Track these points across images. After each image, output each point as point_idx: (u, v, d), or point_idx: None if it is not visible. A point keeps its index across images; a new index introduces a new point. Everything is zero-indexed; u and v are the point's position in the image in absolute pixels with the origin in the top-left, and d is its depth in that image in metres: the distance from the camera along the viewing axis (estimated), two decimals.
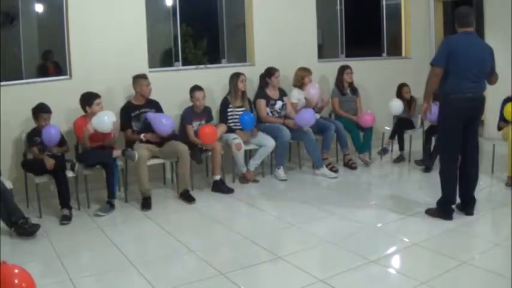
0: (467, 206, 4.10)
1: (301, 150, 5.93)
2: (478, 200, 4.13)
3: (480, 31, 7.49)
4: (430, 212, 4.12)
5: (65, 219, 4.20)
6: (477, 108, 4.05)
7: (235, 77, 5.43)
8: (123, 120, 4.88)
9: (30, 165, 4.42)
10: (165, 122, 4.76)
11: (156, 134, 4.80)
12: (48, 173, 4.33)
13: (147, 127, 4.85)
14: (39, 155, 4.36)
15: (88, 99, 4.59)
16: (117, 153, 4.59)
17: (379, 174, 5.78)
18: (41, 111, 4.46)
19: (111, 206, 4.50)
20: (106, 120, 4.41)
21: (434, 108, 5.50)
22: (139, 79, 4.90)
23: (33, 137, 4.46)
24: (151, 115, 4.83)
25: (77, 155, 4.68)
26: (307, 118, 5.35)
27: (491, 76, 4.10)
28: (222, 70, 5.90)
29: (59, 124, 4.63)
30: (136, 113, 4.88)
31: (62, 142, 4.56)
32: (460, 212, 4.10)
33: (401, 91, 6.15)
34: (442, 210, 4.02)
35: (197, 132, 5.02)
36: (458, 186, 4.05)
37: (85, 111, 4.61)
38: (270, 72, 5.65)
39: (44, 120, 4.44)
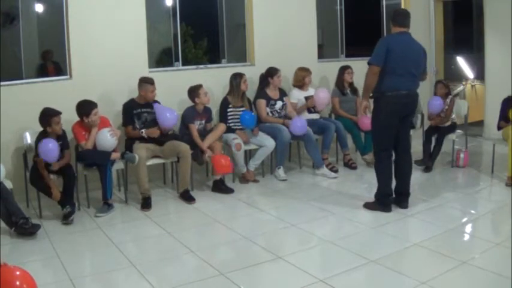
0: (402, 199, 4.30)
1: (301, 150, 5.93)
2: (479, 198, 4.13)
3: (480, 31, 7.52)
4: (368, 206, 4.33)
5: (68, 217, 4.17)
6: (411, 105, 4.24)
7: (238, 77, 5.42)
8: (125, 116, 4.88)
9: (39, 185, 4.27)
10: (169, 116, 4.77)
11: (156, 129, 4.80)
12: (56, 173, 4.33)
13: (148, 125, 4.85)
14: (44, 173, 4.19)
15: (86, 109, 4.48)
16: (115, 155, 4.56)
17: None
18: (51, 115, 4.29)
19: (109, 206, 4.49)
20: (108, 137, 4.45)
21: (439, 101, 5.50)
22: (145, 84, 4.86)
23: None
24: (158, 106, 4.85)
25: (77, 155, 4.66)
26: (299, 126, 5.35)
27: (422, 74, 4.31)
28: (222, 70, 5.90)
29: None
30: (138, 111, 4.88)
31: (64, 146, 4.44)
32: (395, 206, 4.28)
33: None
34: (381, 203, 4.25)
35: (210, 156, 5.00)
36: (395, 181, 4.31)
37: (82, 120, 4.53)
38: (272, 72, 5.65)
39: (57, 124, 4.30)
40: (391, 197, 4.28)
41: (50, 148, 4.14)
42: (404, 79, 4.06)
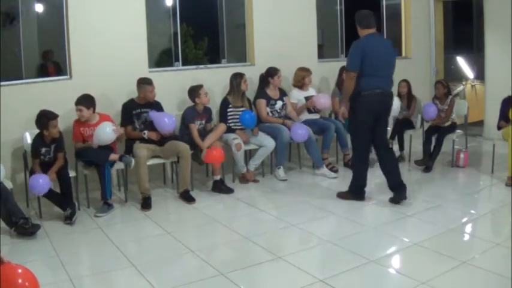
0: (399, 192, 4.43)
1: (301, 150, 5.93)
2: (479, 198, 4.13)
3: (480, 30, 7.52)
4: (341, 195, 4.61)
5: (71, 217, 4.17)
6: (386, 103, 4.46)
7: (238, 77, 5.41)
8: (124, 116, 4.88)
9: None
10: (168, 121, 4.76)
11: (158, 132, 4.80)
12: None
13: (148, 126, 4.85)
14: (40, 172, 4.19)
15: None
16: (114, 156, 4.54)
17: (379, 174, 5.73)
18: (49, 119, 4.23)
19: (109, 206, 4.49)
20: (108, 131, 4.41)
21: (432, 107, 5.56)
22: (143, 85, 4.86)
23: (40, 147, 4.29)
24: (154, 114, 4.83)
25: (76, 152, 4.61)
26: (300, 134, 5.33)
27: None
28: (222, 70, 5.90)
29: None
30: (137, 111, 4.88)
31: (59, 149, 4.38)
32: (394, 201, 4.43)
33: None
34: (356, 193, 4.54)
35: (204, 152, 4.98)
36: (386, 178, 4.52)
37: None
38: (272, 72, 5.64)
39: (54, 128, 4.25)
40: (364, 187, 4.56)
41: (41, 184, 4.04)
42: (379, 79, 4.29)
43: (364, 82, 4.25)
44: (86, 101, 4.53)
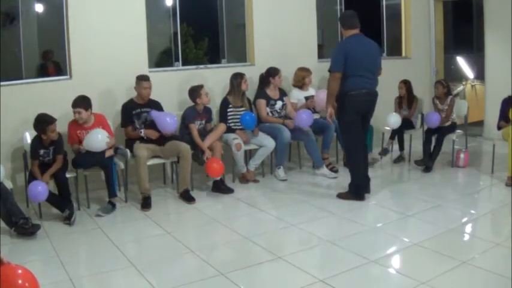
0: (366, 186, 4.63)
1: (301, 150, 5.93)
2: (479, 198, 4.13)
3: (480, 30, 7.52)
4: (342, 196, 4.63)
5: (69, 218, 4.16)
6: (372, 103, 4.53)
7: (238, 77, 5.41)
8: (124, 117, 4.89)
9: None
10: (169, 120, 4.77)
11: (156, 131, 4.80)
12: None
13: (148, 126, 4.85)
14: (38, 174, 4.20)
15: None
16: (109, 152, 4.54)
17: (379, 174, 5.76)
18: (47, 123, 4.21)
19: (113, 206, 4.49)
20: (100, 138, 4.38)
21: (435, 115, 5.58)
22: (139, 81, 4.88)
23: (38, 148, 4.28)
24: (155, 113, 4.84)
25: (73, 162, 4.56)
26: (305, 119, 5.35)
27: (378, 69, 4.56)
28: (222, 70, 5.90)
29: (58, 125, 4.62)
30: (137, 111, 4.88)
31: (57, 151, 4.36)
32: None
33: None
34: (356, 193, 4.56)
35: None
36: None
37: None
38: (272, 72, 5.64)
39: (52, 132, 4.23)
40: (364, 187, 4.61)
41: (40, 191, 4.03)
42: (364, 79, 4.36)
43: (351, 83, 4.32)
44: (84, 103, 4.48)
